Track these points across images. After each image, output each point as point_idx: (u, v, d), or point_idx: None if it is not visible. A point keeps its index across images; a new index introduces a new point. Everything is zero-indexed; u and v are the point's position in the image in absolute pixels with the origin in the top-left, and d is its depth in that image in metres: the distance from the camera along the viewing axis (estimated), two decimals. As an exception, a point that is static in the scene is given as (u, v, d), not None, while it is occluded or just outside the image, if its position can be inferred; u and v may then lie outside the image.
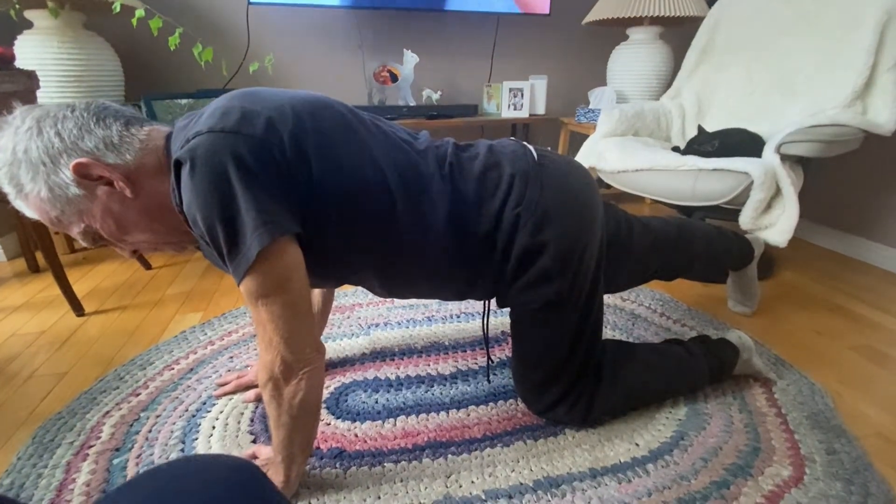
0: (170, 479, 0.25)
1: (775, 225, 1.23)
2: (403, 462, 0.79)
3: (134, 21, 1.31)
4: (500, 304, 0.82)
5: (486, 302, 0.90)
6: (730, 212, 1.31)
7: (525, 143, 0.80)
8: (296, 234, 0.60)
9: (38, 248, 1.44)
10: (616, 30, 2.15)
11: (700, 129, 1.53)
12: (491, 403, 0.93)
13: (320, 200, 0.62)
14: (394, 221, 0.67)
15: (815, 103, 1.36)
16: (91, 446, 0.83)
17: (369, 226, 0.67)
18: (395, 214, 0.67)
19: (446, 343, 1.14)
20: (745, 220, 1.25)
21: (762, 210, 1.24)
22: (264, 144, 0.57)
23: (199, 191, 0.55)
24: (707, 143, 1.41)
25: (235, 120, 0.57)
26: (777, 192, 1.24)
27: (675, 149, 1.58)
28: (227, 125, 0.57)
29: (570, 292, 0.76)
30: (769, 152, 1.26)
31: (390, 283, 0.76)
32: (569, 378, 0.80)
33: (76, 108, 0.61)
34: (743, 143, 1.38)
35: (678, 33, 2.13)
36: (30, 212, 0.63)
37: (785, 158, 1.25)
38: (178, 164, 0.57)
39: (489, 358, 0.99)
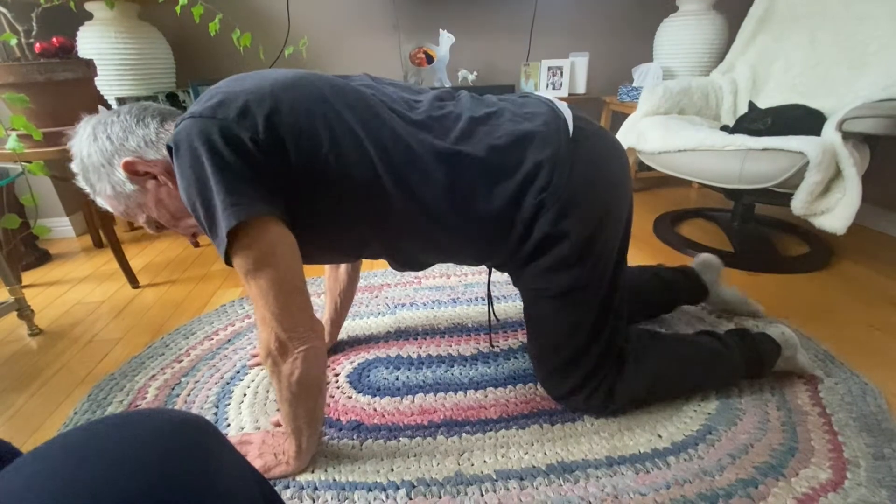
0: (94, 436, 0.26)
1: (833, 210, 1.12)
2: (418, 438, 0.81)
3: (178, 8, 1.37)
4: (515, 284, 0.81)
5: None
6: (781, 196, 1.21)
7: (559, 108, 0.72)
8: (275, 213, 0.60)
9: (100, 226, 1.57)
10: (664, 1, 2.01)
11: (751, 105, 1.42)
12: (510, 386, 0.93)
13: (303, 179, 0.63)
14: (382, 195, 0.66)
15: (888, 75, 1.21)
16: (137, 405, 0.91)
17: (357, 201, 0.66)
18: (382, 187, 0.65)
19: (469, 325, 1.14)
20: (798, 204, 1.15)
21: (818, 194, 1.13)
22: (236, 128, 0.58)
23: (182, 173, 0.58)
24: (759, 121, 1.30)
25: (213, 105, 0.60)
26: (837, 173, 1.13)
27: (725, 128, 1.47)
28: (204, 110, 0.59)
29: (588, 279, 0.73)
30: (830, 130, 1.15)
31: (399, 256, 0.76)
32: (589, 364, 0.78)
33: (121, 112, 0.67)
34: (800, 119, 1.27)
35: (733, 2, 1.96)
36: (107, 207, 0.71)
37: (848, 136, 1.13)
38: (170, 150, 0.60)
39: (490, 318, 1.04)
